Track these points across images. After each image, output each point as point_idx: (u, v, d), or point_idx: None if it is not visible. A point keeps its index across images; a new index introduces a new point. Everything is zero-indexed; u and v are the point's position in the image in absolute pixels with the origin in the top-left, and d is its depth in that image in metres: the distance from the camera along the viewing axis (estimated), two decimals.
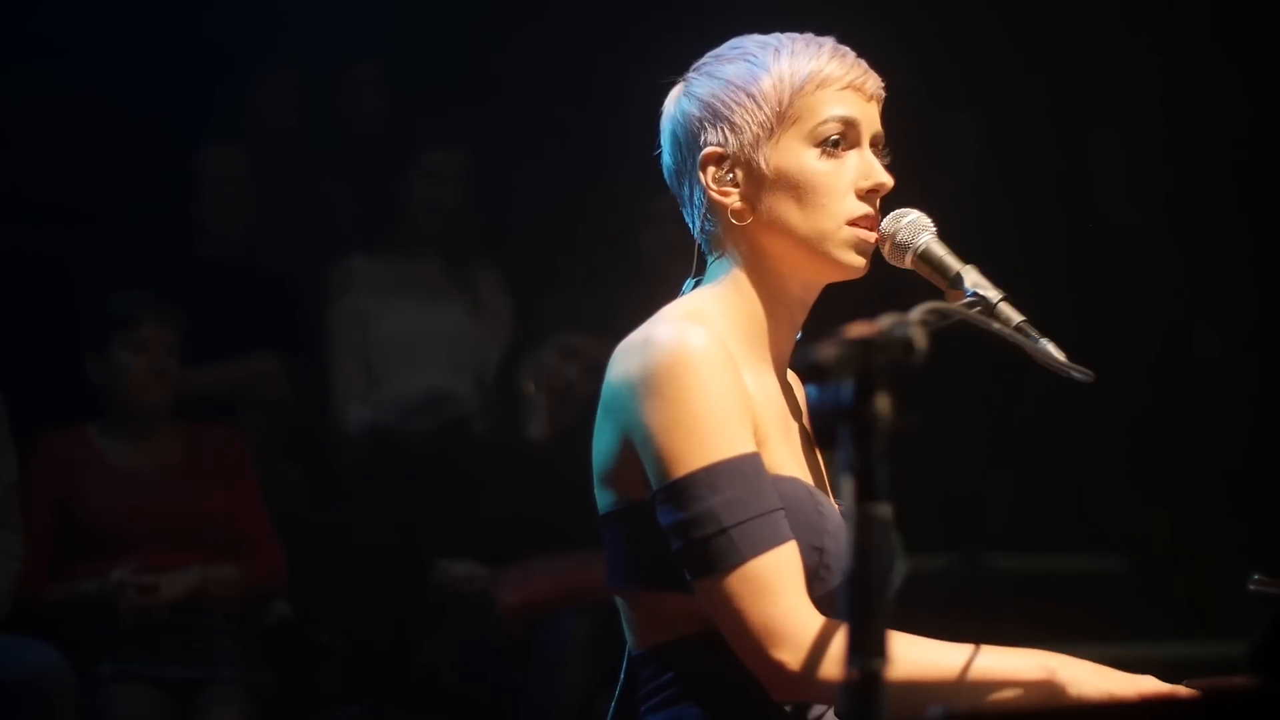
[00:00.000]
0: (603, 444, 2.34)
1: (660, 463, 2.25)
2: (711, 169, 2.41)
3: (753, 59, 2.40)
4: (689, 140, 2.43)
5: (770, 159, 2.38)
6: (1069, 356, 2.30)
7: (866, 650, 1.72)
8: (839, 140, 2.38)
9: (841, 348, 1.74)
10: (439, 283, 5.95)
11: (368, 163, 6.15)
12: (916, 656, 2.24)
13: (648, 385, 2.27)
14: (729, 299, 2.41)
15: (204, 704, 4.64)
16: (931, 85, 6.08)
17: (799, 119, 2.37)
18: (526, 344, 5.44)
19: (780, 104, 2.37)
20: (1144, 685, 2.29)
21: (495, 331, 5.93)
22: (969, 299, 2.34)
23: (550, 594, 5.02)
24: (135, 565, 4.69)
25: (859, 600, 1.72)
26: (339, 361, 5.85)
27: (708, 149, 2.40)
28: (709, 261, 2.46)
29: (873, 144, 2.42)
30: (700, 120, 2.41)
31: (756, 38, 2.44)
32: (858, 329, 1.78)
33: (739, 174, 2.39)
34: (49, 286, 5.51)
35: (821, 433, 1.79)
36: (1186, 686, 2.31)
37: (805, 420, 2.47)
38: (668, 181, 2.49)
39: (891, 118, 2.47)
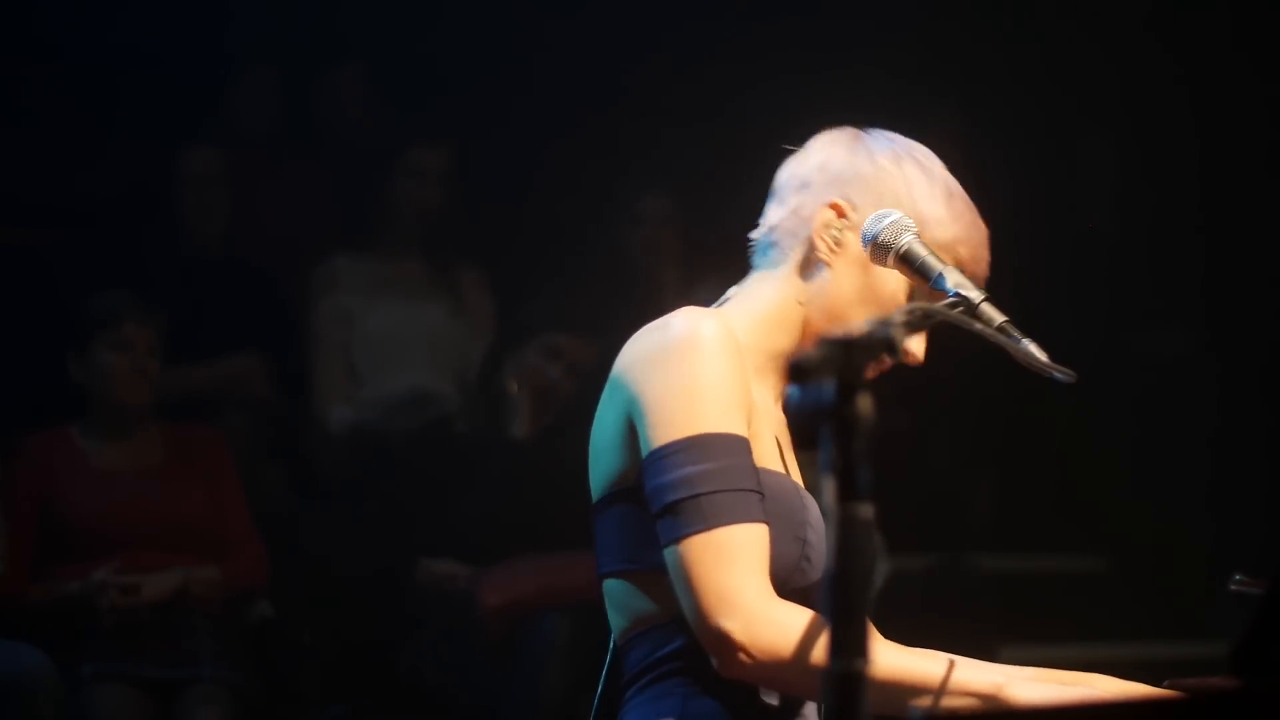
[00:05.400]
0: (604, 424, 2.38)
1: (653, 428, 2.29)
2: (832, 214, 2.44)
3: (933, 180, 2.45)
4: (838, 178, 2.46)
5: (876, 264, 2.41)
6: (1051, 357, 2.31)
7: (848, 651, 1.71)
8: None
9: (823, 348, 1.74)
10: (422, 282, 5.94)
11: (351, 162, 6.14)
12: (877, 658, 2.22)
13: (655, 360, 2.32)
14: (760, 315, 2.46)
15: (186, 704, 4.63)
16: (929, 84, 6.08)
17: (923, 269, 2.38)
18: (509, 344, 5.42)
19: (919, 237, 2.39)
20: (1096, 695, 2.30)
21: (478, 331, 5.91)
22: (951, 299, 2.34)
23: (533, 594, 5.02)
24: (117, 565, 4.68)
25: (840, 601, 1.72)
26: (321, 361, 5.83)
27: (845, 202, 2.44)
28: (755, 267, 2.51)
29: None
30: (861, 179, 2.45)
31: (943, 169, 2.49)
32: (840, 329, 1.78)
33: (846, 239, 2.44)
34: (30, 285, 5.48)
35: (801, 434, 1.79)
36: (1167, 687, 2.31)
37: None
38: (782, 174, 2.52)
39: (885, 120, 2.49)
